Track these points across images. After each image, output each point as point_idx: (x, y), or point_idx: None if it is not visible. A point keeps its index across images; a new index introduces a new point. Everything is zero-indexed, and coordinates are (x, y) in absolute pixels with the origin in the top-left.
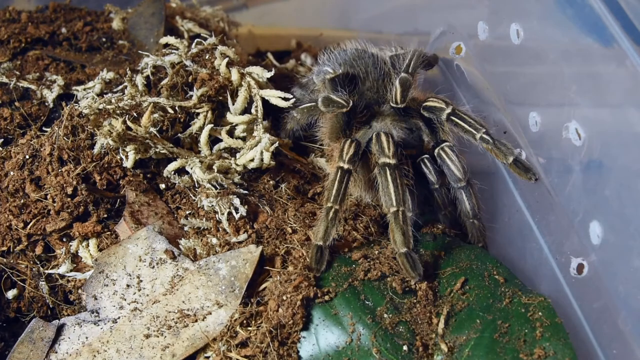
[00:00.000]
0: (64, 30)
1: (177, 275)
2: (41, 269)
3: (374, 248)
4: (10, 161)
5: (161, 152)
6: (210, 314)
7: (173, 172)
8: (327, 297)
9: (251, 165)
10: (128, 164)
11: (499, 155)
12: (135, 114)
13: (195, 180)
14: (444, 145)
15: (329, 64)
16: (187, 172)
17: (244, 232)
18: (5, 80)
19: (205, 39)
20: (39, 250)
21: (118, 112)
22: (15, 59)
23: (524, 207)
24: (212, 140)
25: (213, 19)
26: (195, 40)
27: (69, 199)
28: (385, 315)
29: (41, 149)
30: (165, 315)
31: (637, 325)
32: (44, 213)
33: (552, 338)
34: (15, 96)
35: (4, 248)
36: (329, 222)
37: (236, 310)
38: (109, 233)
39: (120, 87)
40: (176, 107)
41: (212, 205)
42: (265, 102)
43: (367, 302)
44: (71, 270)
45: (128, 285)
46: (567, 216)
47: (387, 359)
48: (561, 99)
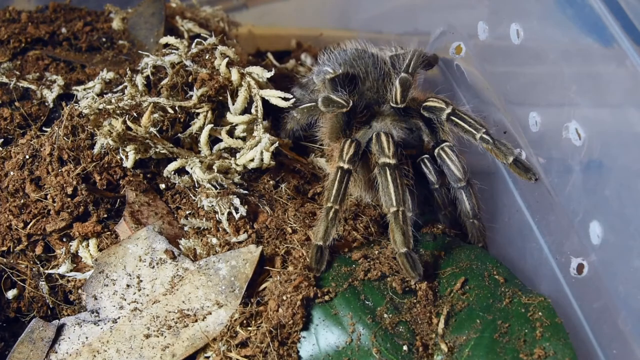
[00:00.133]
0: (64, 30)
1: (177, 275)
2: (41, 269)
3: (374, 248)
4: (10, 161)
5: (161, 152)
6: (210, 314)
7: (173, 172)
8: (327, 297)
9: (251, 165)
10: (128, 164)
11: (499, 155)
12: (135, 114)
13: (195, 180)
14: (444, 145)
15: (329, 64)
16: (187, 172)
17: (244, 232)
18: (5, 80)
19: (205, 39)
20: (39, 250)
21: (118, 112)
22: (15, 59)
23: (524, 207)
24: (212, 140)
25: (213, 19)
26: (195, 40)
27: (69, 199)
28: (385, 315)
29: (41, 149)
30: (165, 315)
31: (637, 325)
32: (44, 213)
33: (552, 338)
34: (15, 96)
35: (4, 248)
36: (329, 222)
37: (236, 310)
38: (109, 233)
39: (120, 87)
40: (176, 107)
41: (212, 205)
42: (265, 102)
43: (367, 302)
44: (71, 270)
45: (128, 285)
46: (567, 216)
47: (387, 359)
48: (561, 99)
